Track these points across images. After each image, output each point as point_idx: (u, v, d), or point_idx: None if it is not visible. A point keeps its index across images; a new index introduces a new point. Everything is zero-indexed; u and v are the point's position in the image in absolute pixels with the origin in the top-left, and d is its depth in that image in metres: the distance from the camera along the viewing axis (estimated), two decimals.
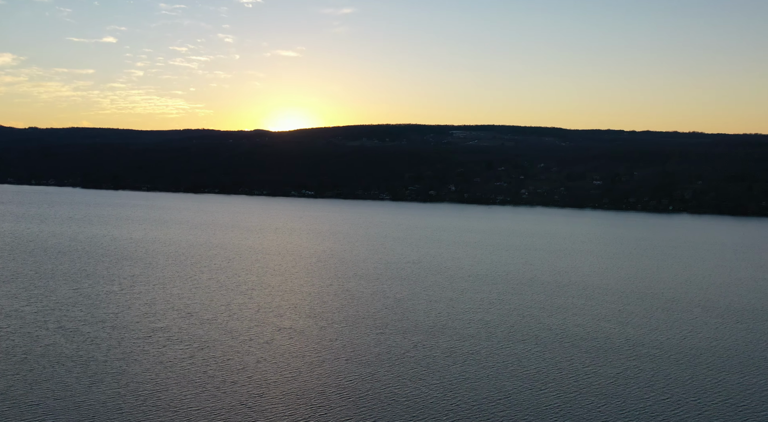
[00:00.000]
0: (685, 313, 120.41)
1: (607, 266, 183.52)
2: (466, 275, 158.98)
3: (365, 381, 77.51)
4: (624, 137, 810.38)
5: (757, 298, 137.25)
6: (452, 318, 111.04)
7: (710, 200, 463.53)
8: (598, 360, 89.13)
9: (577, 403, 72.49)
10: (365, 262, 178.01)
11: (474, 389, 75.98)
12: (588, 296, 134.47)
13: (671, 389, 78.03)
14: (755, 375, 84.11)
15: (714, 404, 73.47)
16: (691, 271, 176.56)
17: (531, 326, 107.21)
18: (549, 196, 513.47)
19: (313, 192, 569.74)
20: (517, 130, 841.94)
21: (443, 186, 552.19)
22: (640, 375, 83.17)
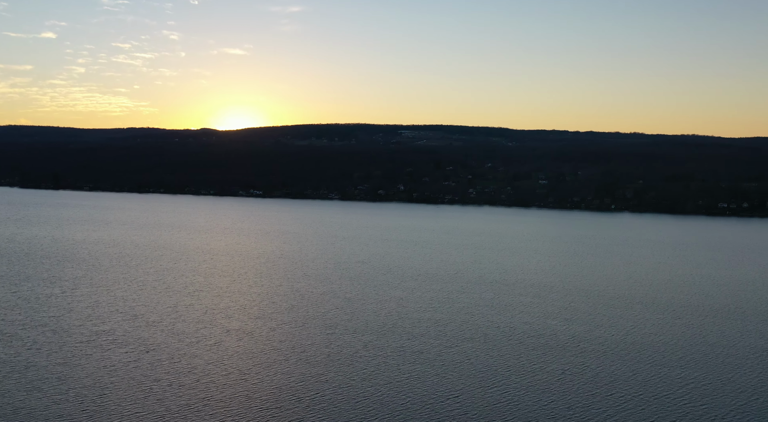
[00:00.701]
0: (627, 310, 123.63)
1: (552, 264, 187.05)
2: (416, 274, 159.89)
3: (315, 381, 77.19)
4: (568, 138, 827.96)
5: (695, 294, 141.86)
6: (402, 317, 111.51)
7: (650, 199, 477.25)
8: (544, 356, 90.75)
9: (524, 400, 73.67)
10: (315, 262, 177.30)
11: (424, 387, 76.46)
12: (534, 294, 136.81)
13: (615, 384, 80.00)
14: (694, 368, 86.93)
15: (656, 398, 75.63)
16: (633, 269, 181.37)
17: (479, 324, 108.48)
18: (496, 195, 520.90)
19: (262, 192, 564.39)
20: (465, 130, 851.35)
21: (392, 186, 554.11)
22: (586, 371, 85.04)
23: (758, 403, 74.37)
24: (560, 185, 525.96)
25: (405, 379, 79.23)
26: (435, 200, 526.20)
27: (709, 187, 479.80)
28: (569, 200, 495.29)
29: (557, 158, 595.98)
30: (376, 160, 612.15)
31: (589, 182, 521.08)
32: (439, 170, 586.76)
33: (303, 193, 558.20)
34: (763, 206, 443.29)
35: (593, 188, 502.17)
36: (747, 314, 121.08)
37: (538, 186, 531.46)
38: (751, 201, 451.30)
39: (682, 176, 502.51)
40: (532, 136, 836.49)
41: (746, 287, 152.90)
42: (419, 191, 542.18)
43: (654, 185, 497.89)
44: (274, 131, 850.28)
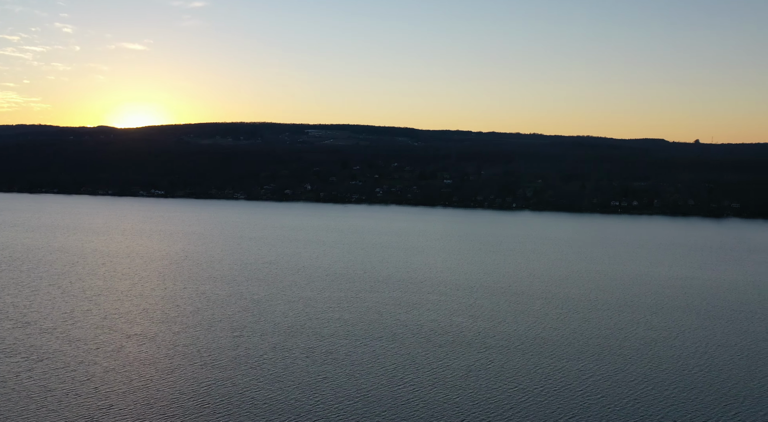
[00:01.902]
0: (528, 305, 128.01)
1: (458, 262, 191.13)
2: (324, 274, 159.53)
3: (222, 385, 75.65)
4: (472, 138, 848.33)
5: (591, 289, 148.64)
6: (311, 318, 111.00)
7: (549, 198, 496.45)
8: (451, 353, 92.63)
9: (432, 397, 74.96)
10: (220, 263, 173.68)
11: (333, 388, 76.40)
12: (441, 292, 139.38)
13: (518, 378, 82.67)
14: (591, 360, 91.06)
15: (556, 390, 78.71)
16: (533, 265, 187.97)
17: (388, 323, 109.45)
18: (402, 194, 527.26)
19: (164, 192, 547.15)
20: (371, 130, 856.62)
21: (299, 185, 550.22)
22: (490, 366, 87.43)
23: (649, 392, 78.75)
24: (464, 184, 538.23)
25: (314, 380, 78.91)
26: (342, 200, 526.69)
27: (603, 186, 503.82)
28: (473, 199, 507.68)
29: (461, 158, 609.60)
30: (282, 159, 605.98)
31: (491, 181, 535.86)
32: (346, 169, 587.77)
33: (207, 193, 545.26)
34: (651, 205, 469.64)
35: (495, 188, 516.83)
36: (638, 307, 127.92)
37: (443, 185, 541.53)
38: (640, 199, 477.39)
39: (577, 176, 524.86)
40: (437, 136, 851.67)
41: (637, 281, 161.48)
42: (326, 191, 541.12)
43: (552, 184, 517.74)
44: (177, 129, 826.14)
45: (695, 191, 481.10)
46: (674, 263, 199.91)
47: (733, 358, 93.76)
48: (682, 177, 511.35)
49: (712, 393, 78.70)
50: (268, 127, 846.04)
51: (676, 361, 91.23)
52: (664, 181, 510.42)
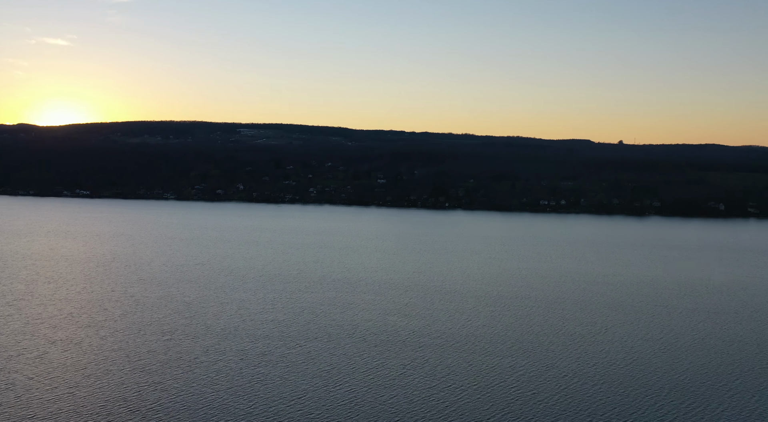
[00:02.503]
0: (462, 303, 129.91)
1: (392, 261, 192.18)
2: (258, 275, 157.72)
3: (152, 390, 73.89)
4: (405, 138, 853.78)
5: (522, 286, 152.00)
6: (244, 320, 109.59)
7: (480, 198, 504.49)
8: (386, 353, 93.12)
9: (367, 397, 75.20)
10: (150, 265, 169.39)
11: (267, 390, 75.69)
12: (376, 292, 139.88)
13: (452, 376, 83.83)
14: (522, 357, 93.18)
15: (489, 387, 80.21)
16: (466, 264, 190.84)
17: (323, 323, 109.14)
18: (336, 194, 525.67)
19: (89, 192, 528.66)
20: (304, 129, 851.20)
21: (231, 185, 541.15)
22: (425, 364, 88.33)
23: (578, 386, 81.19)
24: (398, 184, 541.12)
25: (247, 383, 77.99)
26: (275, 200, 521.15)
27: (532, 186, 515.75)
28: (406, 199, 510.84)
29: (395, 158, 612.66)
30: (213, 159, 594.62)
31: (424, 181, 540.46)
32: (279, 169, 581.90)
33: (136, 193, 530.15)
34: (578, 203, 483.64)
35: (428, 187, 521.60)
36: (566, 304, 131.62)
37: (376, 185, 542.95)
38: (567, 199, 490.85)
39: (508, 176, 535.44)
40: (370, 136, 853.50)
41: (565, 278, 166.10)
42: (259, 191, 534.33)
43: (483, 184, 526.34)
44: (103, 127, 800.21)
45: (619, 191, 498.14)
46: (600, 260, 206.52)
47: (656, 352, 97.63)
48: (607, 177, 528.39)
49: (637, 386, 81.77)
50: (199, 126, 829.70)
51: (602, 356, 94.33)
52: (590, 180, 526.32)
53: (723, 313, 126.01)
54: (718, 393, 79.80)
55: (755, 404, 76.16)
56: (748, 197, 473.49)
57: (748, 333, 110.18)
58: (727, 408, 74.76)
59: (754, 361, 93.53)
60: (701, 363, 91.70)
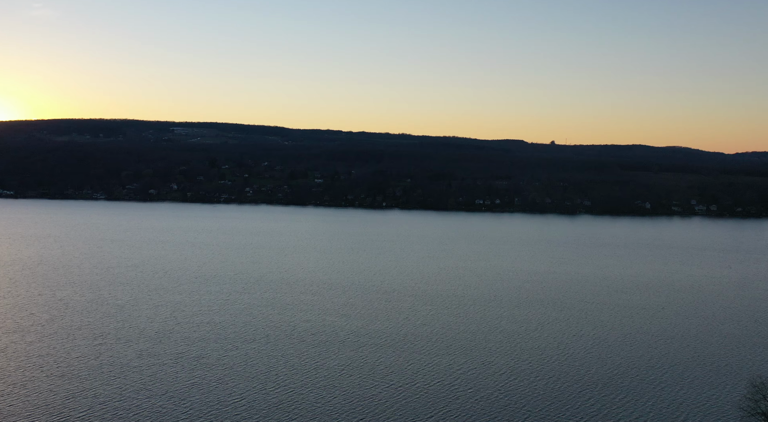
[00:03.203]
0: (400, 302, 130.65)
1: (330, 261, 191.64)
2: (193, 276, 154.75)
3: (83, 397, 71.59)
4: (342, 137, 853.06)
5: (458, 285, 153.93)
6: (179, 323, 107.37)
7: (417, 197, 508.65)
8: (325, 353, 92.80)
9: (307, 398, 74.75)
10: (80, 268, 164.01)
11: (204, 394, 74.36)
12: (314, 292, 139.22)
13: (391, 375, 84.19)
14: (460, 355, 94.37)
15: (428, 385, 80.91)
16: (404, 263, 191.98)
17: (261, 325, 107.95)
18: (273, 194, 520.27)
19: (13, 192, 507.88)
20: (240, 128, 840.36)
21: (165, 185, 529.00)
22: (364, 364, 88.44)
23: (513, 383, 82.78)
24: (335, 183, 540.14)
25: (183, 387, 76.47)
26: (211, 200, 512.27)
27: (467, 185, 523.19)
28: (344, 198, 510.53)
29: (332, 158, 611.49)
30: (146, 158, 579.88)
31: (361, 180, 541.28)
32: (215, 168, 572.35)
33: (63, 193, 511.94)
34: (512, 203, 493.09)
35: (366, 187, 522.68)
36: (502, 302, 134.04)
37: (313, 185, 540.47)
38: (502, 198, 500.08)
39: (444, 175, 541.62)
40: (307, 135, 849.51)
41: (501, 276, 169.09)
42: (194, 191, 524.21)
43: (420, 183, 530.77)
44: (28, 125, 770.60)
45: (551, 190, 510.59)
46: (534, 258, 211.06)
47: (588, 348, 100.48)
48: (540, 176, 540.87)
49: (570, 381, 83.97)
50: (130, 124, 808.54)
51: (537, 353, 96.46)
52: (523, 180, 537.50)
53: (650, 309, 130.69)
54: (647, 386, 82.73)
55: (682, 396, 79.30)
56: (672, 196, 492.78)
57: (673, 328, 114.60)
58: (656, 400, 77.58)
59: (680, 355, 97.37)
60: (630, 358, 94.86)
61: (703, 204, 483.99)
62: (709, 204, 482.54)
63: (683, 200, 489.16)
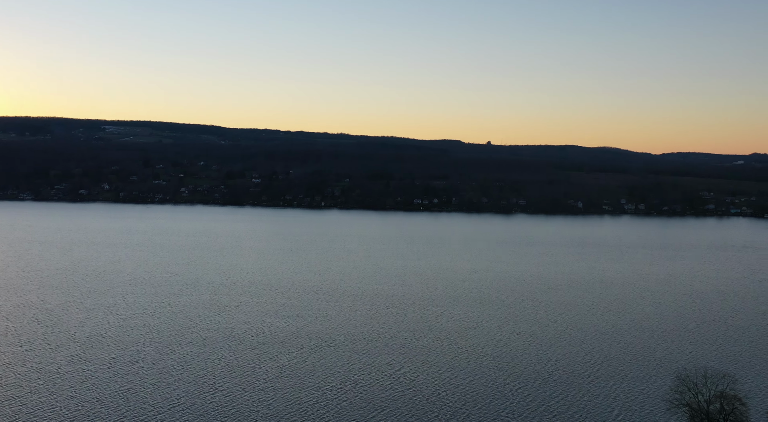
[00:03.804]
0: (339, 303, 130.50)
1: (269, 262, 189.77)
2: (127, 279, 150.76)
3: (9, 406, 68.88)
4: (280, 137, 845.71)
5: (397, 284, 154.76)
6: (112, 326, 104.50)
7: (356, 197, 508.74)
8: (264, 355, 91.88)
9: (245, 401, 73.90)
10: (6, 271, 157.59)
11: (139, 399, 72.61)
12: (252, 293, 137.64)
13: (331, 376, 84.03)
14: (399, 353, 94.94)
15: (368, 385, 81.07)
16: (343, 263, 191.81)
17: (198, 327, 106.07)
18: (209, 194, 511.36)
19: None
20: (175, 127, 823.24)
21: (96, 185, 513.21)
22: (304, 365, 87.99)
23: (452, 381, 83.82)
24: (273, 183, 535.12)
25: (117, 392, 74.52)
26: (144, 200, 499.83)
27: (406, 185, 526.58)
28: (282, 198, 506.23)
29: (270, 157, 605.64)
30: (75, 157, 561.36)
31: (300, 180, 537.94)
32: (149, 168, 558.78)
33: None
34: (450, 202, 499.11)
35: (304, 187, 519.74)
36: (440, 300, 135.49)
37: (251, 185, 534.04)
38: (440, 198, 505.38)
39: (383, 175, 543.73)
40: (245, 134, 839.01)
41: (439, 275, 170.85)
42: (127, 191, 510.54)
43: (359, 183, 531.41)
44: None
45: (488, 190, 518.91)
46: (471, 257, 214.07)
47: (524, 344, 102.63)
48: (477, 176, 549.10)
49: (507, 378, 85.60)
50: (58, 122, 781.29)
51: (475, 350, 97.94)
52: (460, 180, 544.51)
53: (582, 305, 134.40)
54: (581, 381, 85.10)
55: (614, 390, 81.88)
56: (603, 195, 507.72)
57: (604, 324, 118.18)
58: (590, 395, 79.88)
59: (611, 350, 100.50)
60: (565, 354, 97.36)
61: (632, 203, 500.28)
62: (637, 203, 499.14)
63: (613, 199, 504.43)
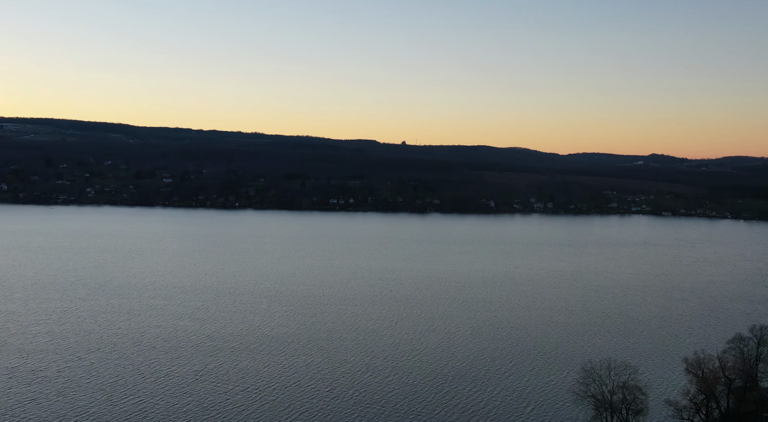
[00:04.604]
0: (256, 304, 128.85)
1: (181, 264, 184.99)
2: (29, 283, 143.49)
3: None
4: (192, 136, 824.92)
5: (315, 285, 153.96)
6: (12, 334, 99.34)
7: (271, 197, 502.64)
8: (178, 359, 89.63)
9: (157, 407, 71.91)
10: None
11: (42, 410, 69.43)
12: (165, 296, 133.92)
13: (248, 379, 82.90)
14: (316, 354, 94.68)
15: (286, 387, 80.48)
16: (259, 264, 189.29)
17: (106, 332, 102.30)
18: (117, 194, 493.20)
19: None
20: (80, 125, 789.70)
21: None
22: (219, 369, 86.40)
23: (370, 380, 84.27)
24: (185, 183, 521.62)
25: (18, 403, 71.04)
26: (47, 201, 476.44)
27: (322, 185, 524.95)
28: (194, 199, 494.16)
29: (181, 156, 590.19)
30: None
31: (213, 180, 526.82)
32: (51, 167, 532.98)
33: None
34: (366, 202, 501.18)
35: (218, 187, 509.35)
36: (358, 300, 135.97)
37: (162, 185, 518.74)
38: (356, 197, 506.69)
39: (298, 175, 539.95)
40: (154, 133, 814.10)
41: (356, 274, 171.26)
42: (27, 191, 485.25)
43: (274, 183, 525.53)
44: None
45: (403, 189, 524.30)
46: (387, 256, 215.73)
47: (440, 342, 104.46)
48: (392, 176, 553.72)
49: (424, 375, 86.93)
50: None
51: (392, 349, 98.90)
52: (376, 179, 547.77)
53: (495, 302, 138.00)
54: (495, 376, 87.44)
55: (526, 384, 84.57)
56: (514, 195, 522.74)
57: (516, 320, 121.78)
58: (503, 389, 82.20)
59: (522, 345, 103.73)
60: (479, 350, 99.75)
61: (541, 202, 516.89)
62: (546, 202, 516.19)
63: (524, 198, 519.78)
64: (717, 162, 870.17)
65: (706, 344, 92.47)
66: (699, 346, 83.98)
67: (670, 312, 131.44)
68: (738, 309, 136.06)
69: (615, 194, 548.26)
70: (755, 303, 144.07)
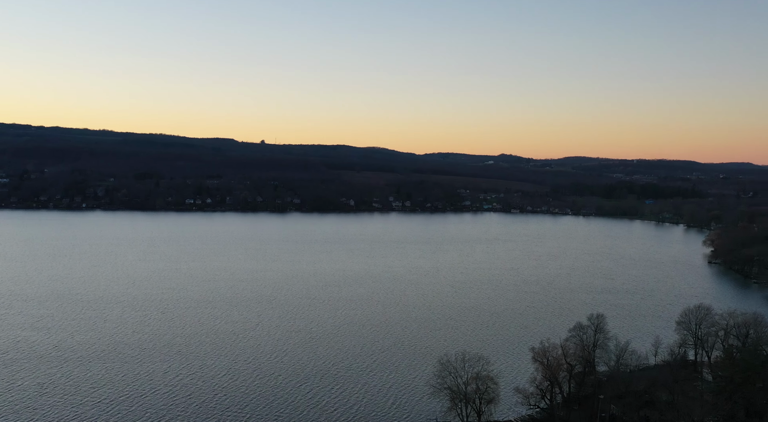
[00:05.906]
0: (107, 310, 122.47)
1: (21, 270, 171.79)
2: None
3: None
4: (32, 133, 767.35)
5: (171, 288, 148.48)
6: None
7: (122, 197, 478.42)
8: (20, 372, 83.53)
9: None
10: None
11: None
12: (3, 305, 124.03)
13: (101, 389, 78.80)
14: (176, 360, 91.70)
15: (142, 395, 77.31)
16: (109, 268, 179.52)
17: None
18: None
19: None
20: None
21: None
22: (69, 380, 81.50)
23: (231, 383, 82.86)
24: (24, 183, 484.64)
25: None
26: None
27: (177, 184, 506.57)
28: (35, 200, 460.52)
29: (19, 154, 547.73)
30: None
31: (57, 180, 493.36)
32: None
33: None
34: (224, 201, 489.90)
35: (62, 187, 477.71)
36: (217, 302, 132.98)
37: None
38: (213, 197, 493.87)
39: (151, 174, 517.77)
40: None
41: (215, 276, 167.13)
42: None
43: (125, 183, 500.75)
44: None
45: (262, 189, 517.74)
46: (248, 257, 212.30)
47: (302, 341, 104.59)
48: (251, 175, 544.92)
49: (287, 375, 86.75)
50: None
51: (254, 351, 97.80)
52: (235, 179, 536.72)
53: (357, 300, 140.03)
54: (358, 373, 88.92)
55: (388, 380, 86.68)
56: (373, 193, 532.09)
57: (377, 317, 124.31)
58: (366, 385, 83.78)
59: (384, 341, 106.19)
60: (342, 348, 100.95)
61: (399, 200, 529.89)
62: (404, 200, 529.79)
63: (383, 196, 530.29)
64: (559, 162, 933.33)
65: (551, 333, 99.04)
66: (545, 335, 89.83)
67: (520, 304, 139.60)
68: (579, 299, 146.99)
69: (468, 193, 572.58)
70: (594, 293, 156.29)
